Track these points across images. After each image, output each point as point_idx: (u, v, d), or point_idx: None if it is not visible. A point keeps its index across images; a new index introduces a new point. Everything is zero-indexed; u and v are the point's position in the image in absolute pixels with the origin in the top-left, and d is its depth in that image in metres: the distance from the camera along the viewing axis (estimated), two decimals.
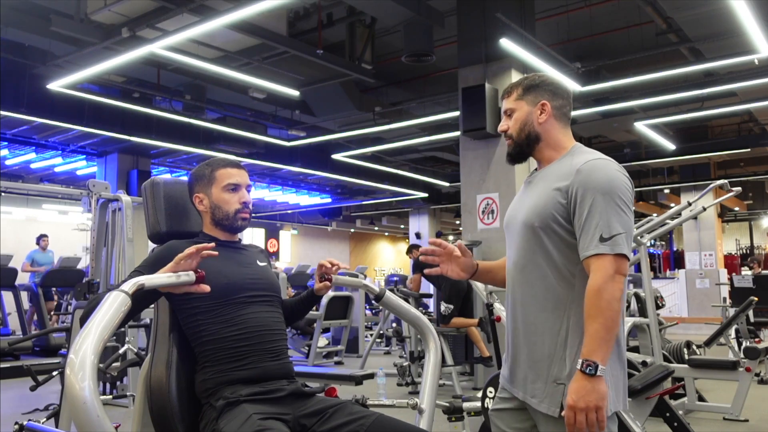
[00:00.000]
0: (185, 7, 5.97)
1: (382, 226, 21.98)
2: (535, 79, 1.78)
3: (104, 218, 5.08)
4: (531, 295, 1.68)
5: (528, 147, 1.77)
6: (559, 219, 1.62)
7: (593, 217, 1.55)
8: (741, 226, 20.81)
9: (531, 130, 1.75)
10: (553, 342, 1.62)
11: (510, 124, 1.78)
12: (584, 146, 1.76)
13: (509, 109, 1.79)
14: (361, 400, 1.91)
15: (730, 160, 13.67)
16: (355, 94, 9.20)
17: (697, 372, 4.66)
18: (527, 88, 1.76)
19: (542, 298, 1.65)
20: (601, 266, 1.52)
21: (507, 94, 1.80)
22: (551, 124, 1.75)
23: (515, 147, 1.79)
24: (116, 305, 1.35)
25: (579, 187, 1.59)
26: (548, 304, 1.64)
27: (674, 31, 7.20)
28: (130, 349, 4.33)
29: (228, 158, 1.98)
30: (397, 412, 1.88)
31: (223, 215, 1.89)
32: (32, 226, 13.48)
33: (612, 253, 1.52)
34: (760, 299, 6.63)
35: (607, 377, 1.53)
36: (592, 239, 1.54)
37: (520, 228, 1.70)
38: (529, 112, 1.75)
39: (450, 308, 5.92)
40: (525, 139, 1.76)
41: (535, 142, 1.75)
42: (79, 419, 1.21)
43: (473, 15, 6.72)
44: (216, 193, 1.89)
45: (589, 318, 1.51)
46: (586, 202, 1.57)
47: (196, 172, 1.94)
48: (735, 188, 4.47)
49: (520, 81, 1.81)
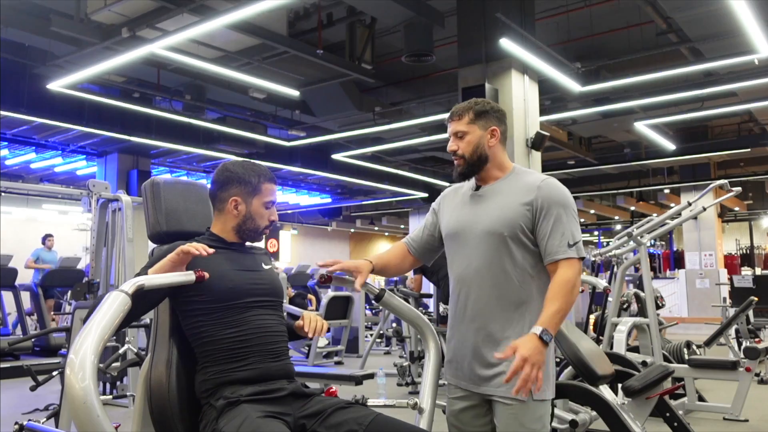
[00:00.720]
0: (185, 7, 5.97)
1: (382, 226, 21.98)
2: (484, 106, 1.98)
3: (104, 218, 5.09)
4: (496, 296, 1.87)
5: (478, 167, 1.96)
6: (525, 229, 1.86)
7: (559, 227, 1.83)
8: (741, 226, 20.81)
9: (482, 152, 1.95)
10: (517, 336, 1.79)
11: (461, 146, 1.95)
12: (522, 167, 2.03)
13: (460, 131, 1.96)
14: (361, 400, 1.90)
15: (730, 160, 13.67)
16: (355, 94, 9.20)
17: (697, 372, 4.66)
18: (478, 113, 1.96)
19: (507, 297, 1.87)
20: (571, 266, 1.82)
21: (458, 117, 1.97)
22: (498, 148, 1.97)
23: (467, 166, 1.96)
24: (116, 305, 1.35)
25: (543, 201, 1.85)
26: (512, 302, 1.86)
27: (674, 31, 7.20)
28: (130, 349, 4.33)
29: (270, 171, 1.94)
30: (397, 412, 1.87)
31: (253, 227, 1.89)
32: (32, 226, 13.49)
33: (577, 257, 1.83)
34: (760, 299, 6.64)
35: (549, 364, 1.82)
36: (560, 245, 1.82)
37: (483, 236, 1.90)
38: (480, 135, 1.95)
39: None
40: (477, 159, 1.95)
41: (484, 162, 1.95)
42: (79, 419, 1.22)
43: (473, 15, 6.71)
44: (256, 205, 1.88)
45: (555, 299, 1.77)
46: (551, 214, 1.84)
47: (239, 174, 1.87)
48: (735, 188, 4.48)
49: (469, 106, 1.98)
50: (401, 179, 14.23)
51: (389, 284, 10.79)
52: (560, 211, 1.84)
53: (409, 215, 18.69)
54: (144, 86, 8.65)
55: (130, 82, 8.64)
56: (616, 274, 5.08)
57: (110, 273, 5.11)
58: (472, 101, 2.00)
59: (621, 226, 19.20)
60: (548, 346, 1.71)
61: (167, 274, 1.54)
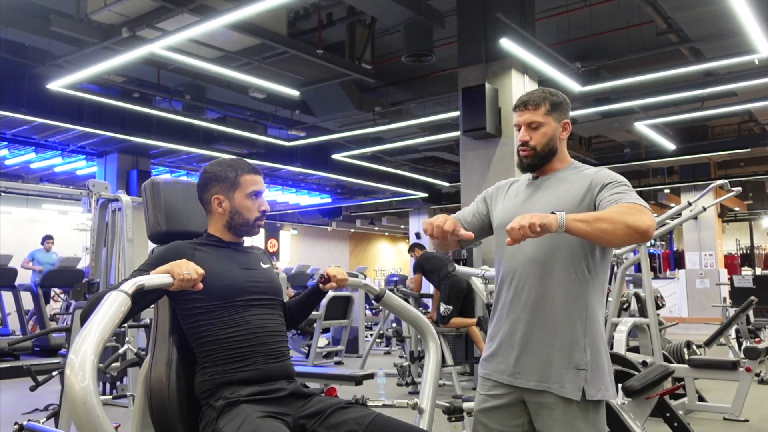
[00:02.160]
0: (185, 7, 5.97)
1: (382, 226, 21.98)
2: (559, 97, 1.90)
3: (104, 218, 5.08)
4: (552, 288, 1.77)
5: (546, 160, 1.89)
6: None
7: (619, 192, 1.70)
8: (741, 226, 20.80)
9: (554, 145, 1.88)
10: (573, 331, 1.74)
11: (535, 137, 1.87)
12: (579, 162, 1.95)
13: (536, 122, 1.86)
14: (361, 400, 1.90)
15: (730, 160, 13.67)
16: (355, 94, 9.20)
17: (697, 372, 4.66)
18: (554, 105, 1.88)
19: (565, 290, 1.76)
20: (638, 208, 1.61)
21: (534, 106, 1.87)
22: (565, 141, 1.92)
23: (537, 158, 1.88)
24: (116, 305, 1.35)
25: (600, 179, 1.77)
26: (570, 296, 1.76)
27: (674, 31, 7.20)
28: (130, 349, 4.32)
29: (249, 163, 1.93)
30: (397, 412, 1.87)
31: (242, 221, 1.87)
32: (32, 226, 13.49)
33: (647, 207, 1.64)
34: (760, 299, 6.64)
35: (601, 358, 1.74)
36: (623, 198, 1.67)
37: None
38: (555, 128, 1.88)
39: (449, 309, 5.92)
40: (548, 152, 1.88)
41: (553, 155, 1.89)
42: (79, 419, 1.21)
43: (473, 15, 6.71)
44: (239, 198, 1.86)
45: (608, 214, 1.59)
46: (610, 188, 1.73)
47: (216, 172, 1.88)
48: (735, 188, 4.48)
49: (544, 96, 1.88)
50: (401, 179, 14.24)
51: (389, 284, 10.80)
52: (620, 187, 1.73)
53: (409, 215, 18.70)
54: (144, 86, 8.65)
55: (130, 82, 8.64)
56: (616, 274, 5.08)
57: (110, 273, 5.10)
58: (546, 91, 1.90)
59: None
60: (561, 226, 1.54)
61: (167, 275, 1.54)
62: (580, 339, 1.74)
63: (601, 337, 1.78)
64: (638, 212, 1.59)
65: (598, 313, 1.80)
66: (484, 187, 2.22)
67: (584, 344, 1.74)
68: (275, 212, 18.33)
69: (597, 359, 1.74)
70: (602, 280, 1.82)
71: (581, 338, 1.74)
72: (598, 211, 1.67)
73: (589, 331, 1.75)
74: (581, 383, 1.71)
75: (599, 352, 1.75)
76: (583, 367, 1.72)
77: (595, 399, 1.71)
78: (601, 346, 1.77)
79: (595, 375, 1.72)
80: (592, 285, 1.77)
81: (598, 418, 1.74)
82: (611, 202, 1.67)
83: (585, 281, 1.77)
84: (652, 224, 1.58)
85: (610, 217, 1.58)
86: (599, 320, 1.80)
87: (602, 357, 1.76)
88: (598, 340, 1.76)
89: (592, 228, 1.57)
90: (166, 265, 1.56)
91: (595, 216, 1.60)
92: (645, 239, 1.61)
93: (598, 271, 1.79)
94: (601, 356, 1.75)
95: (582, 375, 1.71)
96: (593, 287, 1.78)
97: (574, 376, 1.71)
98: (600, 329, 1.79)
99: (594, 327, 1.76)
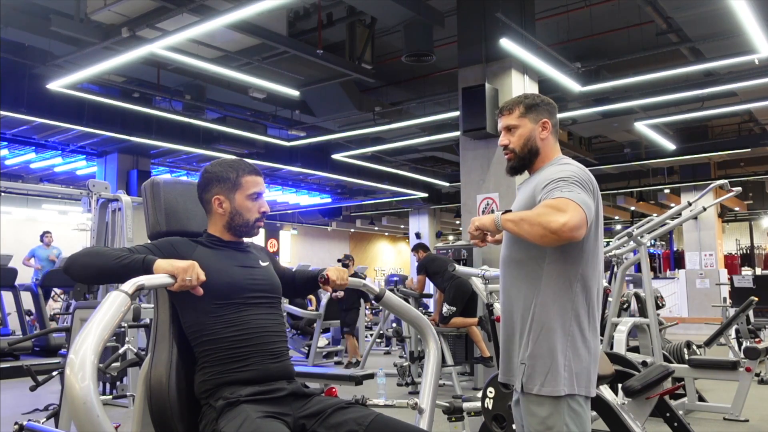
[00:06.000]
0: (185, 7, 5.97)
1: (382, 226, 21.98)
2: (534, 99, 1.96)
3: (104, 218, 5.09)
4: (517, 286, 1.89)
5: (529, 160, 1.95)
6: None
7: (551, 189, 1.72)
8: (741, 226, 20.81)
9: (533, 145, 1.94)
10: (523, 326, 1.85)
11: (512, 140, 1.95)
12: (567, 157, 1.94)
13: (511, 125, 1.95)
14: (361, 400, 1.90)
15: (730, 160, 13.67)
16: (355, 94, 9.20)
17: (697, 372, 4.66)
18: (528, 107, 1.94)
19: (520, 288, 1.87)
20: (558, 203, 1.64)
21: (508, 111, 1.96)
22: (549, 140, 1.95)
23: (518, 160, 1.96)
24: (116, 305, 1.35)
25: (552, 175, 1.78)
26: (523, 293, 1.87)
27: (674, 31, 7.20)
28: (130, 349, 4.32)
29: (250, 164, 1.94)
30: (397, 412, 1.87)
31: (243, 222, 1.88)
32: (32, 226, 13.47)
33: (573, 200, 1.63)
34: (760, 299, 6.63)
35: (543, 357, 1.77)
36: (551, 193, 1.70)
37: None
38: (532, 129, 1.94)
39: (452, 310, 5.92)
40: (527, 153, 1.94)
41: (535, 155, 1.94)
42: (79, 419, 1.22)
43: (473, 15, 6.72)
44: (240, 199, 1.87)
45: (529, 214, 1.67)
46: (554, 182, 1.74)
47: (217, 173, 1.88)
48: (735, 188, 4.47)
49: (519, 100, 1.97)
50: (401, 179, 14.24)
51: (389, 284, 10.79)
52: (557, 183, 1.72)
53: (409, 215, 18.69)
54: (144, 86, 8.65)
55: (130, 82, 8.64)
56: (616, 274, 5.08)
57: None
58: (522, 95, 1.99)
59: (621, 226, 19.21)
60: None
61: (166, 275, 1.55)
62: (525, 334, 1.83)
63: (553, 333, 1.78)
64: (555, 211, 1.61)
65: (553, 309, 1.79)
66: (483, 187, 2.30)
67: (527, 340, 1.81)
68: (275, 212, 18.32)
69: (539, 354, 1.78)
70: (562, 276, 1.80)
71: (525, 333, 1.83)
72: (525, 211, 1.73)
73: (535, 327, 1.80)
74: (522, 377, 1.81)
75: (543, 348, 1.78)
76: (523, 361, 1.81)
77: (533, 393, 1.77)
78: (553, 342, 1.77)
79: (534, 370, 1.78)
80: (546, 281, 1.81)
81: (550, 417, 1.75)
82: (542, 200, 1.71)
83: (537, 278, 1.83)
84: (567, 222, 1.57)
85: (530, 218, 1.65)
86: (555, 315, 1.79)
87: (553, 353, 1.76)
88: (546, 336, 1.78)
89: (519, 228, 1.69)
90: (172, 266, 1.57)
91: (520, 216, 1.70)
92: (561, 238, 1.60)
93: (553, 267, 1.81)
94: (549, 352, 1.77)
95: (521, 369, 1.81)
96: (546, 283, 1.81)
97: (519, 370, 1.83)
98: (554, 325, 1.78)
99: (543, 322, 1.79)
